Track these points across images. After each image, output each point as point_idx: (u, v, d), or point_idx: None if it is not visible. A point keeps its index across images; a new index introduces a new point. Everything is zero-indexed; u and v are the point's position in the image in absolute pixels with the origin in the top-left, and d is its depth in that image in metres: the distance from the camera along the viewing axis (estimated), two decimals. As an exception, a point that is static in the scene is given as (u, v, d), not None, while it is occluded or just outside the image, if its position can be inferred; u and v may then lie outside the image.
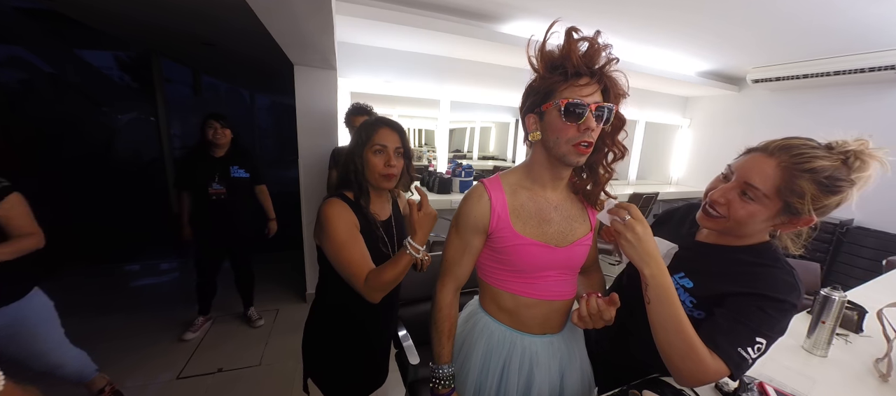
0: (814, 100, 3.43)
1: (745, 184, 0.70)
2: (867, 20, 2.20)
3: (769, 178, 0.67)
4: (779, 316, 0.69)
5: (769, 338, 0.68)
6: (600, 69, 0.72)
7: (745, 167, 0.72)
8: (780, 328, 0.69)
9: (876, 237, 3.02)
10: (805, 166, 0.65)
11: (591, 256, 0.94)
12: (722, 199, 0.74)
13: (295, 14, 1.45)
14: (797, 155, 0.66)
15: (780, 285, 0.70)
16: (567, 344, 0.89)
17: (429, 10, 2.32)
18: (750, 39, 2.68)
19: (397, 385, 1.43)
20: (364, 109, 2.21)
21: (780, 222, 0.71)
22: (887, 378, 0.98)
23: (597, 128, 0.71)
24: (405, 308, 1.49)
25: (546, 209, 0.80)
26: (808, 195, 0.64)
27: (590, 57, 0.71)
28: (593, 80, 0.71)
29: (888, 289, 1.65)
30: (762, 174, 0.68)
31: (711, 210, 0.76)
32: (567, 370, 0.88)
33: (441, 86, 3.16)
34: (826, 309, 1.08)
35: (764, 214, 0.69)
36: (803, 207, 0.65)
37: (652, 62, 3.28)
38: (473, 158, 5.95)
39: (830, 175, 0.64)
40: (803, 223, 0.69)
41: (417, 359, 1.26)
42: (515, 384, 0.83)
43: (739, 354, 0.67)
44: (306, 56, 2.18)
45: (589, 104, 0.69)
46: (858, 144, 0.68)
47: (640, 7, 2.16)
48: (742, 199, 0.71)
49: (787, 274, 0.72)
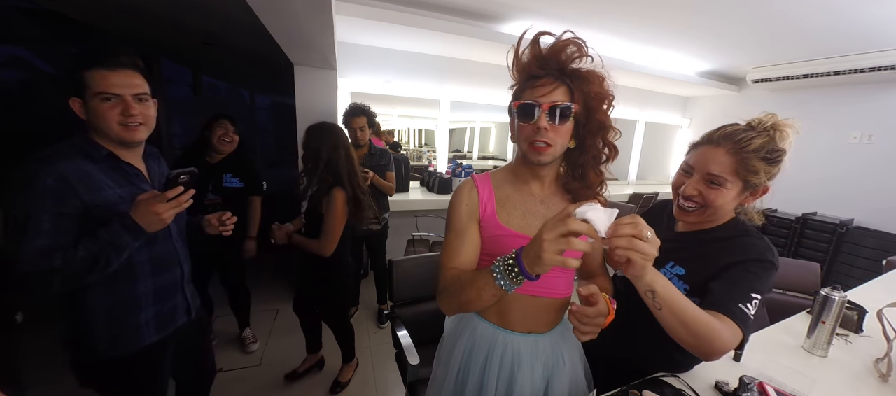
0: (814, 100, 3.43)
1: (708, 174, 0.80)
2: (867, 20, 2.20)
3: (725, 164, 0.78)
4: (764, 274, 0.78)
5: (761, 293, 0.77)
6: (561, 68, 0.72)
7: (701, 160, 0.82)
8: (768, 284, 0.78)
9: (876, 237, 3.02)
10: (748, 148, 0.77)
11: (596, 260, 0.92)
12: (695, 192, 0.83)
13: (295, 14, 1.45)
14: (739, 140, 0.78)
15: (759, 248, 0.81)
16: (554, 347, 0.86)
17: (429, 10, 2.32)
18: (750, 39, 2.68)
19: (397, 384, 1.43)
20: (361, 109, 2.21)
21: (745, 197, 0.82)
22: (887, 378, 0.98)
23: (552, 127, 0.72)
24: (405, 308, 1.49)
25: (531, 202, 0.81)
26: (761, 170, 0.77)
27: (547, 58, 0.72)
28: (553, 80, 0.72)
29: (888, 289, 1.65)
30: (718, 162, 0.79)
31: (687, 204, 0.85)
32: (554, 373, 0.84)
33: (441, 86, 3.16)
34: (826, 309, 1.08)
35: (732, 193, 0.80)
36: (759, 180, 0.78)
37: (652, 62, 3.28)
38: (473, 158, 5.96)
39: (769, 149, 0.78)
40: (762, 192, 0.82)
41: (417, 359, 1.25)
42: (494, 383, 0.81)
43: (741, 310, 0.74)
44: (306, 56, 2.18)
45: (541, 104, 0.71)
46: (771, 119, 0.81)
47: (640, 7, 2.17)
48: (711, 188, 0.81)
49: (759, 239, 0.83)
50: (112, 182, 0.89)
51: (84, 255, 0.81)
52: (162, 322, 1.00)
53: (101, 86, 0.84)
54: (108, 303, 0.91)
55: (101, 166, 0.88)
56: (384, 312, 2.57)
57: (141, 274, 0.94)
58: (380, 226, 2.41)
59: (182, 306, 1.07)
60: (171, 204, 0.86)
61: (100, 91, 0.84)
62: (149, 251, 0.94)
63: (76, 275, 0.82)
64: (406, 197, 3.02)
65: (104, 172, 0.88)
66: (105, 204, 0.86)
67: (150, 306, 0.97)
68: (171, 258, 1.02)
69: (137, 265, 0.92)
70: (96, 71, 0.84)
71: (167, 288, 1.01)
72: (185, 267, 1.07)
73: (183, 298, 1.07)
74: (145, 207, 0.84)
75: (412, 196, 3.10)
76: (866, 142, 3.13)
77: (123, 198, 0.89)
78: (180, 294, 1.06)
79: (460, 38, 2.44)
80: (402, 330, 1.36)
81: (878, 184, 3.10)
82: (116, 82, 0.85)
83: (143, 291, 0.95)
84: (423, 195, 3.16)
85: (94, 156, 0.88)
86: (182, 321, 1.07)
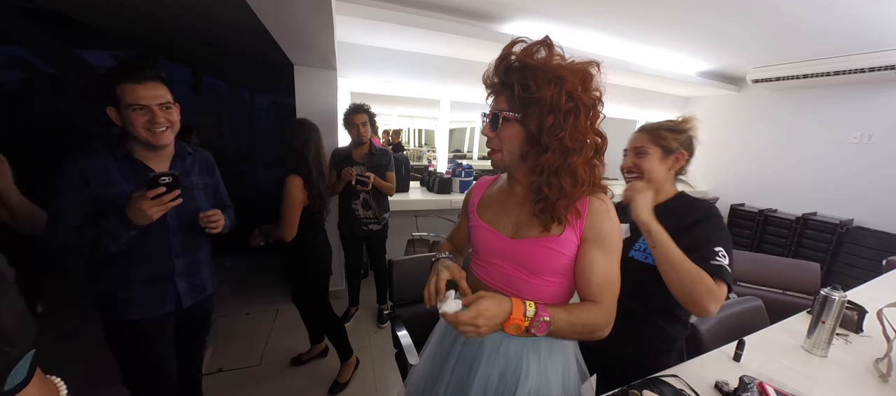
0: (814, 100, 3.43)
1: (636, 148, 1.08)
2: (867, 20, 2.21)
3: (646, 139, 1.07)
4: (716, 226, 0.96)
5: (723, 245, 0.92)
6: (500, 79, 0.75)
7: (633, 142, 1.10)
8: (724, 235, 0.95)
9: (876, 237, 3.02)
10: (658, 127, 1.07)
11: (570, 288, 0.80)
12: (631, 164, 1.09)
13: (295, 14, 1.45)
14: (655, 124, 1.09)
15: (703, 207, 1.01)
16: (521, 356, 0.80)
17: (429, 10, 2.32)
18: (750, 39, 2.68)
19: (397, 384, 1.43)
20: (362, 107, 2.21)
21: (670, 164, 1.06)
22: (887, 378, 0.98)
23: (493, 134, 0.77)
24: (405, 308, 1.49)
25: (509, 202, 0.83)
26: (669, 136, 1.04)
27: (490, 74, 0.77)
28: (497, 90, 0.76)
29: (888, 289, 1.65)
30: (642, 139, 1.08)
31: (629, 175, 1.10)
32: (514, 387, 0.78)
33: (441, 86, 3.16)
34: (826, 309, 1.08)
35: (656, 158, 1.06)
36: (670, 144, 1.04)
37: (652, 62, 3.28)
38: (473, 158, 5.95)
39: (672, 123, 1.08)
40: (681, 156, 1.06)
41: (417, 359, 1.25)
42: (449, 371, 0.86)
43: (715, 264, 0.88)
44: (306, 56, 2.18)
45: (487, 113, 0.78)
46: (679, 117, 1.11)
47: (640, 7, 2.17)
48: (641, 158, 1.07)
49: (702, 201, 1.04)
50: (124, 179, 1.04)
51: (91, 237, 0.96)
52: (148, 304, 1.12)
53: (131, 98, 0.98)
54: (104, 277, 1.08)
55: (120, 164, 1.04)
56: (384, 312, 2.57)
57: (131, 258, 1.07)
58: (380, 226, 2.41)
59: (171, 295, 1.16)
60: (155, 203, 0.97)
61: (130, 103, 0.98)
62: (140, 242, 1.06)
63: (85, 252, 0.97)
64: (406, 197, 3.02)
65: (120, 170, 1.04)
66: (109, 198, 1.00)
67: (139, 286, 1.10)
68: (164, 251, 1.13)
69: (128, 251, 1.05)
70: (126, 85, 0.98)
71: (156, 275, 1.12)
72: (177, 262, 1.16)
73: (172, 289, 1.16)
74: (134, 203, 0.96)
75: (412, 196, 3.10)
76: (866, 142, 3.13)
77: (129, 194, 1.00)
78: (169, 284, 1.15)
79: (460, 38, 2.44)
80: (402, 329, 1.36)
81: (878, 183, 3.10)
82: (144, 94, 0.99)
83: (135, 273, 1.09)
84: (423, 195, 3.16)
85: (116, 155, 1.04)
86: (169, 308, 1.16)
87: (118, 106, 0.99)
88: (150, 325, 1.13)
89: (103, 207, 1.00)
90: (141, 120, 1.00)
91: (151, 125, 1.01)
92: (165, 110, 1.04)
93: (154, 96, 1.01)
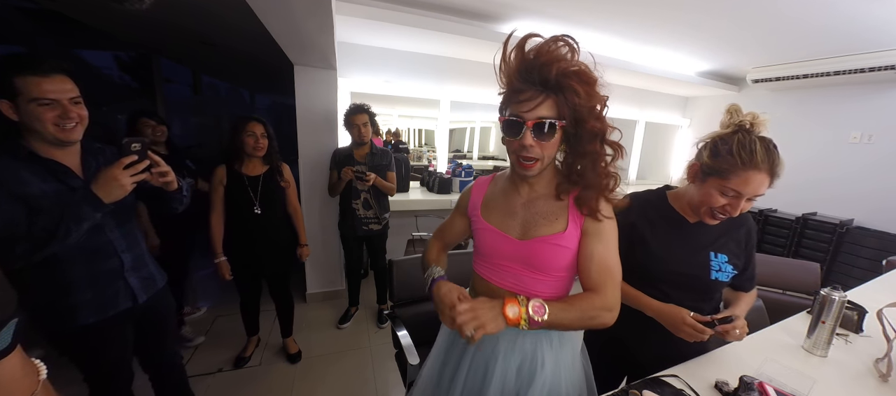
0: (814, 100, 3.43)
1: (756, 196, 0.90)
2: (867, 20, 2.20)
3: (766, 183, 0.89)
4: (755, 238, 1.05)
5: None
6: (544, 80, 0.66)
7: (751, 186, 0.89)
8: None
9: (876, 237, 3.01)
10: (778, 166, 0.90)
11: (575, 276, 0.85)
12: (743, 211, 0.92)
13: (295, 14, 1.45)
14: (771, 152, 0.89)
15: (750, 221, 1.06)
16: (536, 347, 0.83)
17: (429, 10, 2.32)
18: (750, 39, 2.68)
19: (397, 384, 1.43)
20: (362, 107, 2.21)
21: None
22: (887, 378, 0.98)
23: (538, 143, 0.70)
24: (405, 308, 1.49)
25: (514, 204, 0.83)
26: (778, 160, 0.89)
27: (530, 69, 0.67)
28: (539, 92, 0.67)
29: (888, 289, 1.65)
30: (764, 185, 0.89)
31: (723, 216, 0.95)
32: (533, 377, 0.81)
33: (441, 86, 3.16)
34: (826, 309, 1.08)
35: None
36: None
37: (652, 62, 3.28)
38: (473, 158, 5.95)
39: (771, 141, 0.92)
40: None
41: (417, 359, 1.25)
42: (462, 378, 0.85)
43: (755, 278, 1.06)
44: (306, 56, 2.18)
45: (527, 120, 0.68)
46: (750, 117, 0.96)
47: (640, 7, 2.17)
48: (749, 201, 0.91)
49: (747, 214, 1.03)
50: (35, 177, 0.95)
51: (42, 227, 0.89)
52: (100, 305, 1.08)
53: (36, 92, 0.90)
54: (46, 285, 1.00)
55: (24, 163, 0.95)
56: (384, 312, 2.57)
57: (72, 261, 1.01)
58: (380, 226, 2.41)
59: (125, 292, 1.14)
60: (128, 171, 0.94)
61: (35, 97, 0.90)
62: (77, 243, 1.00)
63: (36, 247, 0.90)
64: (406, 197, 3.02)
65: (27, 169, 0.95)
66: (32, 197, 0.93)
67: (86, 290, 1.05)
68: (106, 248, 1.09)
69: (66, 254, 0.99)
70: (29, 77, 0.89)
71: (104, 274, 1.08)
72: (125, 257, 1.13)
73: (125, 285, 1.13)
74: (104, 176, 0.92)
75: (412, 196, 3.10)
76: (866, 142, 3.13)
77: (46, 193, 0.95)
78: (121, 281, 1.12)
79: (460, 38, 2.44)
80: (402, 329, 1.36)
81: (878, 183, 3.10)
82: (51, 88, 0.92)
83: (77, 276, 1.03)
84: (423, 195, 3.16)
85: (17, 155, 0.94)
86: (126, 305, 1.14)
87: (16, 100, 0.90)
88: (106, 325, 1.10)
89: (33, 207, 0.93)
90: (50, 115, 0.92)
91: (62, 120, 0.94)
92: (75, 105, 0.97)
93: (62, 90, 0.94)
